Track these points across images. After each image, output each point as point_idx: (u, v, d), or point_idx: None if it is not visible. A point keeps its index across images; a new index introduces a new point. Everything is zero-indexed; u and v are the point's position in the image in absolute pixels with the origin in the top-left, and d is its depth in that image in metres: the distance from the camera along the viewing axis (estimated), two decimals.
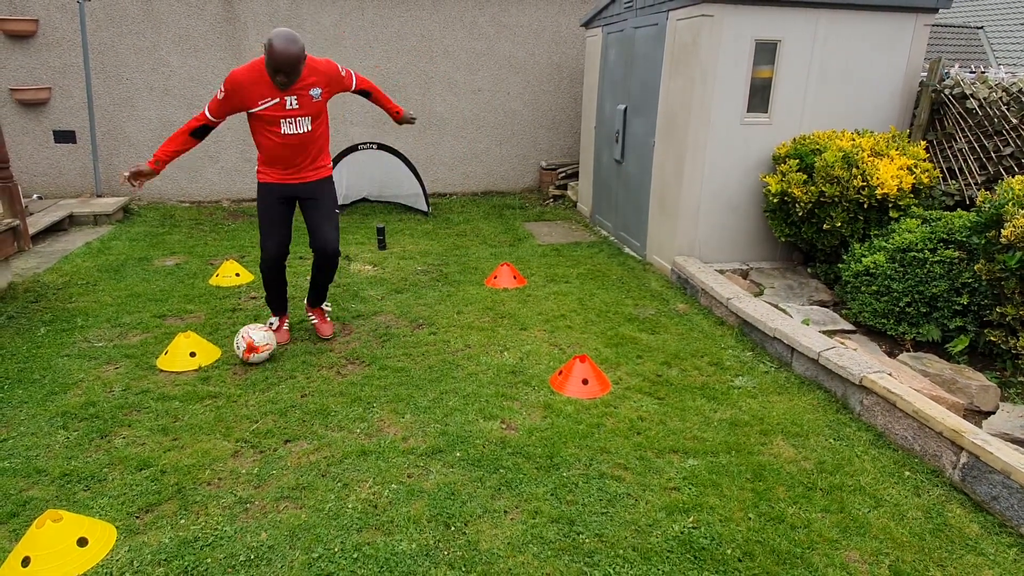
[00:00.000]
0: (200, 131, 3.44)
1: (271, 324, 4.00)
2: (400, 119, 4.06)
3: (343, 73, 3.58)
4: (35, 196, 7.19)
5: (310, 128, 3.50)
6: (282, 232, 3.69)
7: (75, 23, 6.96)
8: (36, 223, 6.02)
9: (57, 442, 2.87)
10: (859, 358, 3.38)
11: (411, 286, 5.00)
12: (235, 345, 3.64)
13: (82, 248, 5.81)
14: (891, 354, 3.83)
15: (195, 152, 7.65)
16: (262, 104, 3.35)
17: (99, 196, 7.35)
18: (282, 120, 3.41)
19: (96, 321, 4.19)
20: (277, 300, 3.97)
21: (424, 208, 7.43)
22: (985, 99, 4.66)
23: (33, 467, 2.69)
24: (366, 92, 3.80)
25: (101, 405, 3.18)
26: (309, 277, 4.04)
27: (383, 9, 7.72)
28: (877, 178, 4.28)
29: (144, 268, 5.34)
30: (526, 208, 7.97)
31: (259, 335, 3.64)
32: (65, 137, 7.29)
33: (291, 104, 3.39)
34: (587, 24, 7.04)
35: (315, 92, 3.43)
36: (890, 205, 4.36)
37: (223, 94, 3.33)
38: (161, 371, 3.56)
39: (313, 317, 4.12)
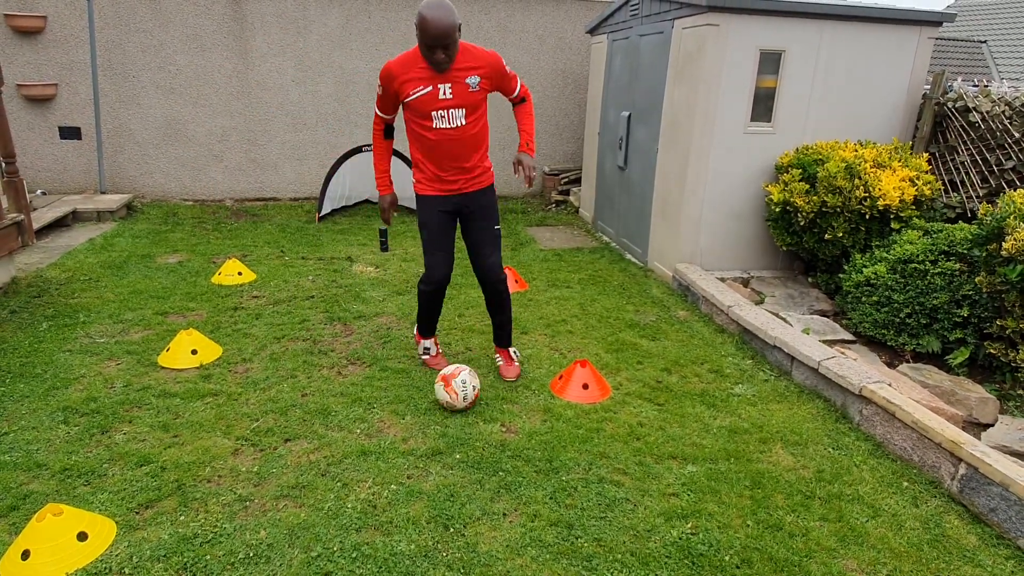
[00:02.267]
0: (387, 131, 3.28)
1: (427, 350, 3.68)
2: (522, 158, 3.25)
3: (509, 71, 3.16)
4: (39, 191, 7.20)
5: (464, 123, 3.08)
6: (447, 249, 3.30)
7: (83, 20, 6.99)
8: (40, 218, 6.05)
9: (58, 437, 2.88)
10: (859, 368, 3.39)
11: (413, 288, 5.01)
12: (460, 394, 3.16)
13: (85, 244, 5.82)
14: (891, 365, 3.83)
15: (199, 151, 7.69)
16: (415, 93, 2.98)
17: (103, 193, 7.37)
18: (433, 113, 3.02)
19: (98, 317, 4.20)
20: (430, 323, 3.61)
21: None
22: (988, 113, 4.68)
23: (34, 461, 2.69)
24: (522, 100, 3.34)
25: (102, 401, 3.18)
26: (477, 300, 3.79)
27: (389, 12, 7.76)
28: (879, 189, 4.30)
29: (147, 265, 5.35)
30: (528, 213, 7.99)
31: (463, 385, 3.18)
32: (70, 133, 7.31)
33: (444, 93, 2.99)
34: (592, 31, 7.06)
35: (472, 80, 3.01)
36: (892, 216, 4.37)
37: (380, 88, 3.05)
38: (162, 368, 3.57)
39: (499, 358, 3.68)
